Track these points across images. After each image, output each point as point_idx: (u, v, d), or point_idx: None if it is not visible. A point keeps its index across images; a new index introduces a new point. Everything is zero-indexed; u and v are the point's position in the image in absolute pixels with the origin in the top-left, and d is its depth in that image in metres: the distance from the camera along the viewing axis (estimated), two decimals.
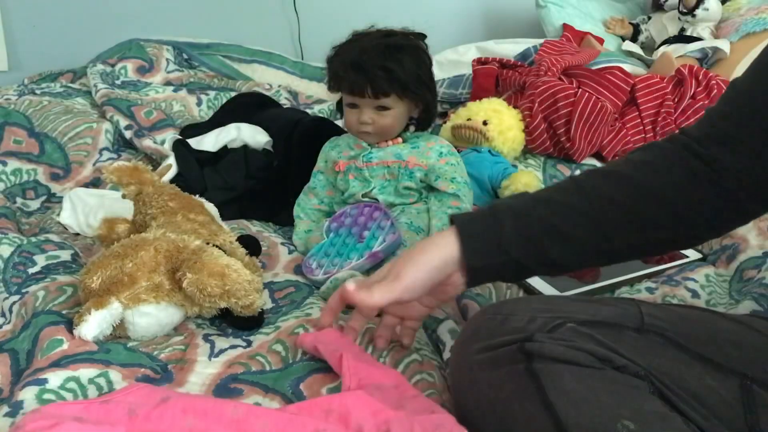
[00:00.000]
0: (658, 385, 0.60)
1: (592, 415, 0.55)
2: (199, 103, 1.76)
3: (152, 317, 0.85)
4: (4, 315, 0.91)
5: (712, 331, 0.66)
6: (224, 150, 1.41)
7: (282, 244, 1.15)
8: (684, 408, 0.59)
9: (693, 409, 0.59)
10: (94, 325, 0.80)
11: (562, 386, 0.57)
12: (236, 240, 1.00)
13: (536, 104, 1.39)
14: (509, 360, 0.60)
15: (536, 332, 0.61)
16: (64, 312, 0.87)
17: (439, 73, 1.53)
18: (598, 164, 1.41)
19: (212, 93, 1.80)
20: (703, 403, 0.60)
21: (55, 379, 0.73)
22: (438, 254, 0.69)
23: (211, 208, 1.10)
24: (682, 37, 2.12)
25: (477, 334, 0.66)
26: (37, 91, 1.67)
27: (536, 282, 1.02)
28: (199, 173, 1.34)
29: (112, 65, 1.87)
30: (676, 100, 1.52)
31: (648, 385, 0.59)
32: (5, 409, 0.69)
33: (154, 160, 1.46)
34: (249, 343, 0.86)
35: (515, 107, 1.42)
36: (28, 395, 0.71)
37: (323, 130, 1.34)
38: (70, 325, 0.82)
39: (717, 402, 0.61)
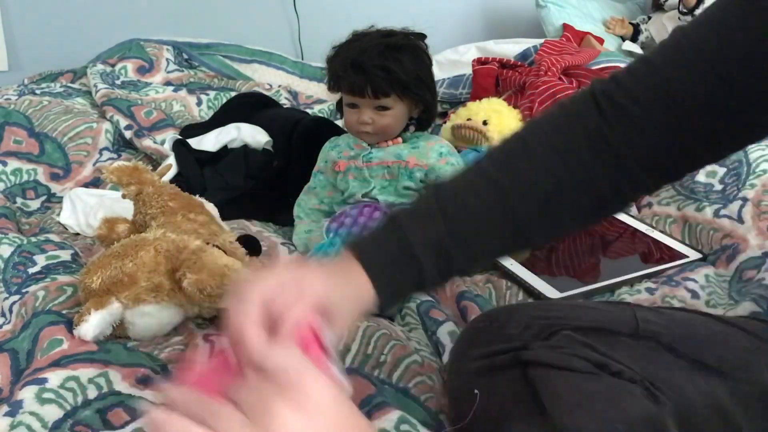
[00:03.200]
0: (652, 390, 0.60)
1: (586, 419, 0.55)
2: (199, 103, 1.76)
3: (152, 317, 0.85)
4: (4, 315, 0.91)
5: (705, 334, 0.66)
6: (224, 150, 1.41)
7: (282, 244, 1.15)
8: None
9: None
10: (94, 325, 0.80)
11: (557, 391, 0.57)
12: (236, 240, 1.00)
13: (536, 104, 1.39)
14: (505, 367, 0.60)
15: (532, 340, 0.61)
16: (64, 312, 0.86)
17: (439, 73, 1.53)
18: None
19: (212, 93, 1.80)
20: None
21: (54, 378, 0.73)
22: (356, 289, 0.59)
23: (211, 208, 1.10)
24: None
25: (474, 341, 0.66)
26: (37, 91, 1.67)
27: (536, 282, 1.02)
28: (199, 173, 1.34)
29: (112, 65, 1.87)
30: None
31: (642, 390, 0.59)
32: (5, 408, 0.69)
33: (154, 160, 1.46)
34: None
35: (515, 107, 1.42)
36: (27, 395, 0.71)
37: (323, 130, 1.34)
38: (70, 325, 0.82)
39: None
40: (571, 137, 0.63)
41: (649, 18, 2.31)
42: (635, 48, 2.19)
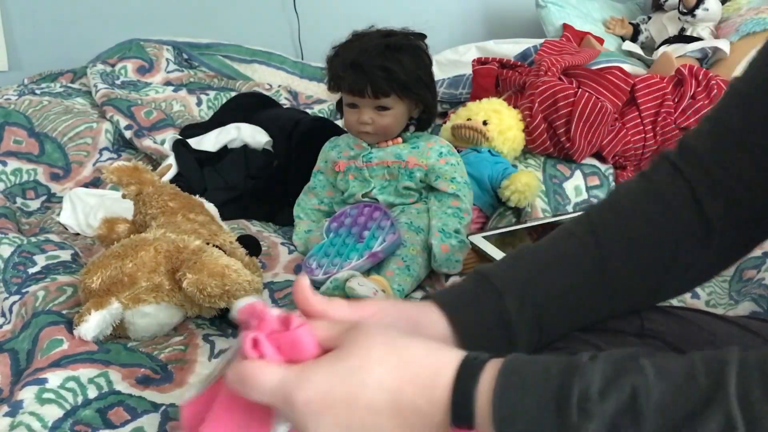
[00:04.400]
0: None
1: None
2: (199, 103, 1.76)
3: (152, 317, 0.85)
4: (4, 315, 0.91)
5: (709, 333, 0.66)
6: (224, 150, 1.41)
7: (282, 244, 1.15)
8: None
9: None
10: (94, 325, 0.80)
11: None
12: (236, 240, 1.00)
13: (536, 104, 1.39)
14: None
15: None
16: (64, 312, 0.87)
17: (439, 73, 1.53)
18: (598, 164, 1.41)
19: (212, 93, 1.80)
20: None
21: (54, 378, 0.73)
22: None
23: (211, 208, 1.10)
24: (682, 37, 2.12)
25: None
26: (37, 91, 1.67)
27: None
28: (199, 173, 1.34)
29: (112, 65, 1.87)
30: (676, 100, 1.52)
31: None
32: (5, 409, 0.69)
33: (154, 160, 1.46)
34: None
35: (515, 107, 1.42)
36: (27, 395, 0.71)
37: (323, 130, 1.34)
38: (70, 325, 0.82)
39: None
40: (657, 199, 0.63)
41: (649, 18, 2.31)
42: (635, 48, 2.19)
